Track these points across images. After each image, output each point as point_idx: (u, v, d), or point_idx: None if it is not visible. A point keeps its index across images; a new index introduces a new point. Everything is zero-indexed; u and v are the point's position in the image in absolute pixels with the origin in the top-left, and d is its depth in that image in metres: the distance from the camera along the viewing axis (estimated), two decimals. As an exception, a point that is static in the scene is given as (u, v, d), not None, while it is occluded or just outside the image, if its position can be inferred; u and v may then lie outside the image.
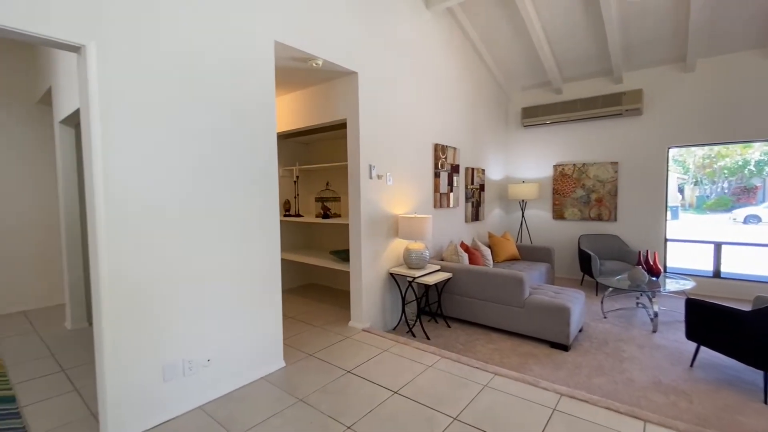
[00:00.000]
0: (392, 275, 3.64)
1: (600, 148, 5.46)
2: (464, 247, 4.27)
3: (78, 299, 3.59)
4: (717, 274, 4.82)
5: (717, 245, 4.85)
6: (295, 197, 4.79)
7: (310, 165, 4.71)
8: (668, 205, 5.03)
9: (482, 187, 5.43)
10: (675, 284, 3.80)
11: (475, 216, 5.27)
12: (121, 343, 1.89)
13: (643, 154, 5.12)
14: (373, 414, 2.10)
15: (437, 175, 4.33)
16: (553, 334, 3.15)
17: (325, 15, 2.95)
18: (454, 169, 4.68)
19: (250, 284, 2.48)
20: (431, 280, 3.37)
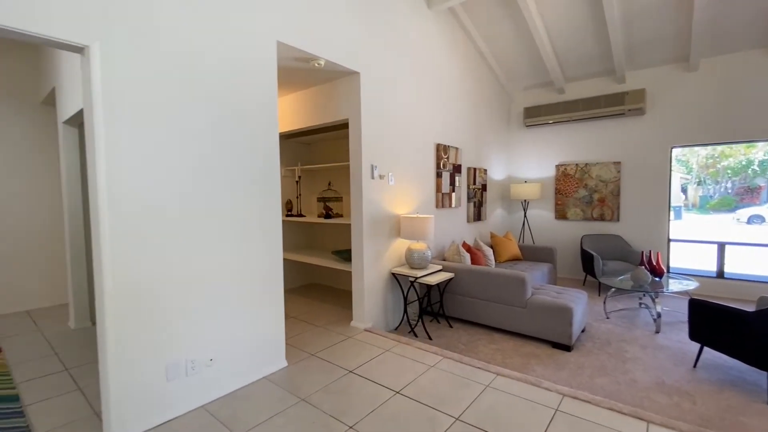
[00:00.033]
0: (394, 275, 3.64)
1: (602, 148, 5.44)
2: (466, 247, 4.27)
3: (81, 299, 3.61)
4: (720, 274, 4.80)
5: (720, 245, 4.82)
6: (297, 197, 4.80)
7: (312, 165, 4.71)
8: (671, 205, 5.01)
9: (484, 187, 5.42)
10: (678, 285, 3.79)
11: (477, 216, 5.26)
12: (124, 342, 1.90)
13: (645, 154, 5.10)
14: (375, 414, 2.10)
15: (439, 175, 4.33)
16: (556, 334, 3.14)
17: (327, 15, 2.96)
18: (456, 169, 4.67)
19: (252, 284, 2.48)
20: (433, 280, 3.37)
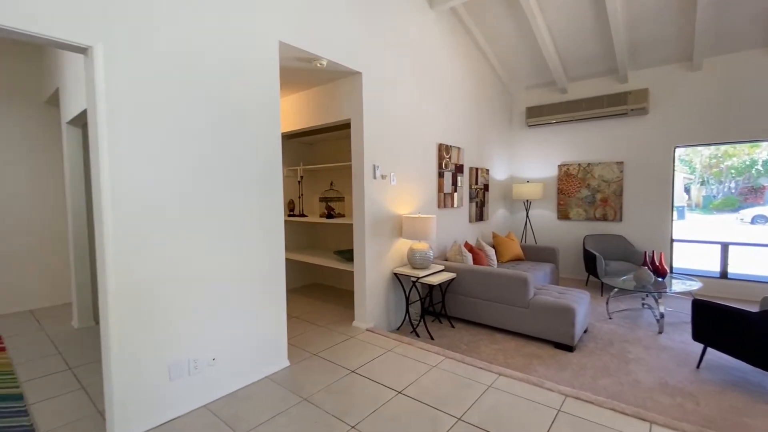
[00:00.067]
0: (396, 275, 3.64)
1: (605, 147, 5.42)
2: (468, 247, 4.26)
3: (85, 298, 3.63)
4: (724, 274, 4.78)
5: (724, 246, 4.80)
6: (300, 197, 4.80)
7: (314, 165, 4.72)
8: (674, 205, 5.00)
9: (486, 187, 5.42)
10: (681, 285, 3.78)
11: (479, 216, 5.25)
12: (128, 341, 1.91)
13: (648, 154, 5.09)
14: (377, 414, 2.11)
15: (441, 175, 4.32)
16: (558, 334, 3.14)
17: (329, 15, 2.96)
18: (458, 169, 4.67)
19: (254, 284, 2.49)
20: (435, 280, 3.37)
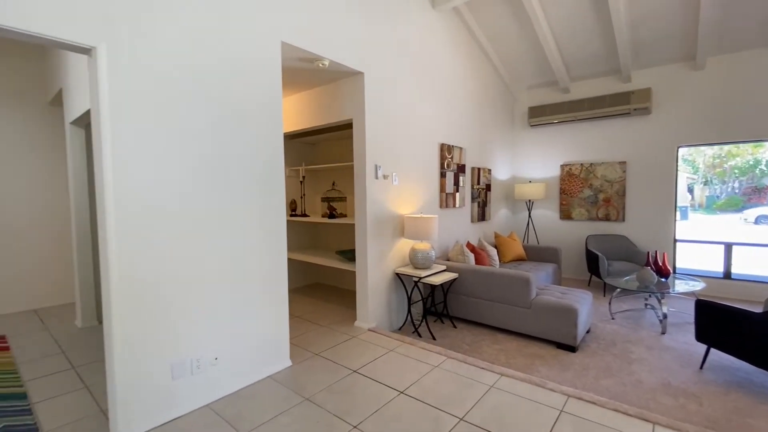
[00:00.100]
0: (398, 275, 3.64)
1: (608, 147, 5.41)
2: (470, 247, 4.26)
3: (88, 298, 3.64)
4: (727, 275, 4.76)
5: (727, 246, 4.78)
6: (302, 197, 4.81)
7: (316, 165, 4.73)
8: (677, 205, 4.97)
9: (488, 187, 5.41)
10: (684, 285, 3.76)
11: (482, 216, 5.25)
12: (131, 341, 1.92)
13: (651, 154, 5.07)
14: (379, 414, 2.11)
15: (443, 175, 4.32)
16: (560, 335, 3.13)
17: (331, 15, 2.96)
18: (460, 168, 4.67)
19: (256, 284, 2.49)
20: (437, 280, 3.37)
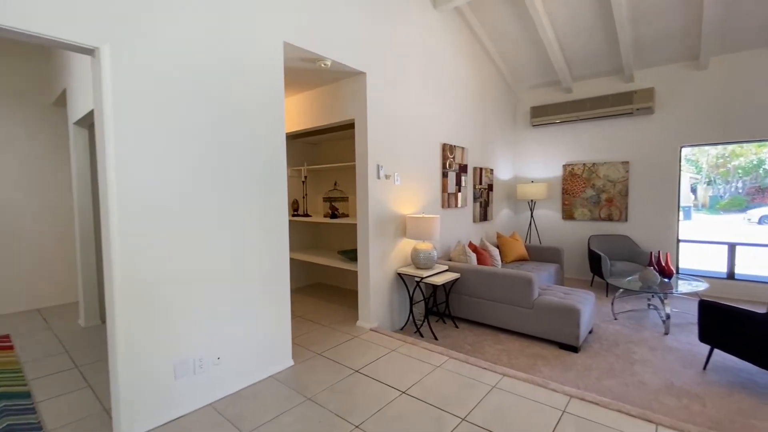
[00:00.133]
0: (400, 275, 3.64)
1: (610, 147, 5.39)
2: (472, 247, 4.25)
3: (91, 297, 3.66)
4: (731, 275, 4.74)
5: (731, 246, 4.76)
6: (304, 197, 4.82)
7: (318, 165, 4.73)
8: (681, 205, 4.95)
9: (490, 187, 5.40)
10: (688, 286, 3.75)
11: (484, 216, 5.24)
12: (134, 340, 1.92)
13: (654, 154, 5.05)
14: (380, 414, 2.11)
15: (445, 175, 4.32)
16: (563, 335, 3.12)
17: (333, 15, 2.96)
18: (462, 169, 4.66)
19: (258, 284, 2.50)
20: (439, 281, 3.36)
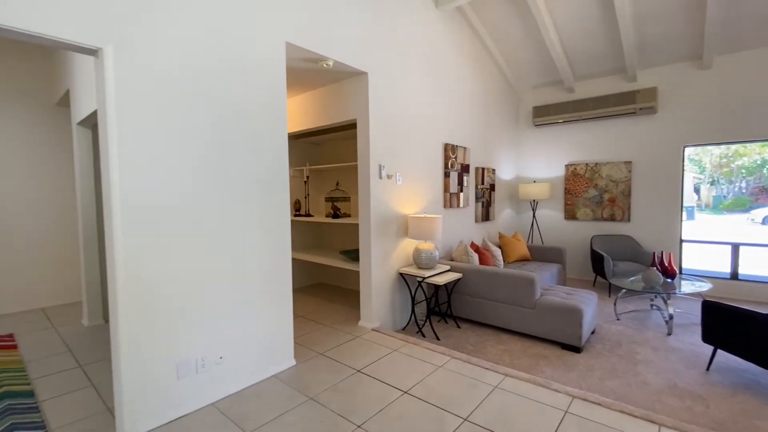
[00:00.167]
0: (402, 275, 3.64)
1: (613, 147, 5.37)
2: (474, 247, 4.25)
3: (94, 297, 3.67)
4: (734, 275, 4.71)
5: (734, 246, 4.73)
6: (306, 197, 4.82)
7: (320, 165, 4.73)
8: (684, 205, 4.94)
9: (492, 187, 5.39)
10: (691, 286, 3.73)
11: (486, 216, 5.23)
12: (137, 340, 1.93)
13: (657, 154, 5.03)
14: (382, 413, 2.11)
15: (447, 174, 4.31)
16: (565, 335, 3.12)
17: (335, 15, 2.97)
18: (464, 168, 4.66)
19: (260, 283, 2.50)
20: (441, 281, 3.36)
